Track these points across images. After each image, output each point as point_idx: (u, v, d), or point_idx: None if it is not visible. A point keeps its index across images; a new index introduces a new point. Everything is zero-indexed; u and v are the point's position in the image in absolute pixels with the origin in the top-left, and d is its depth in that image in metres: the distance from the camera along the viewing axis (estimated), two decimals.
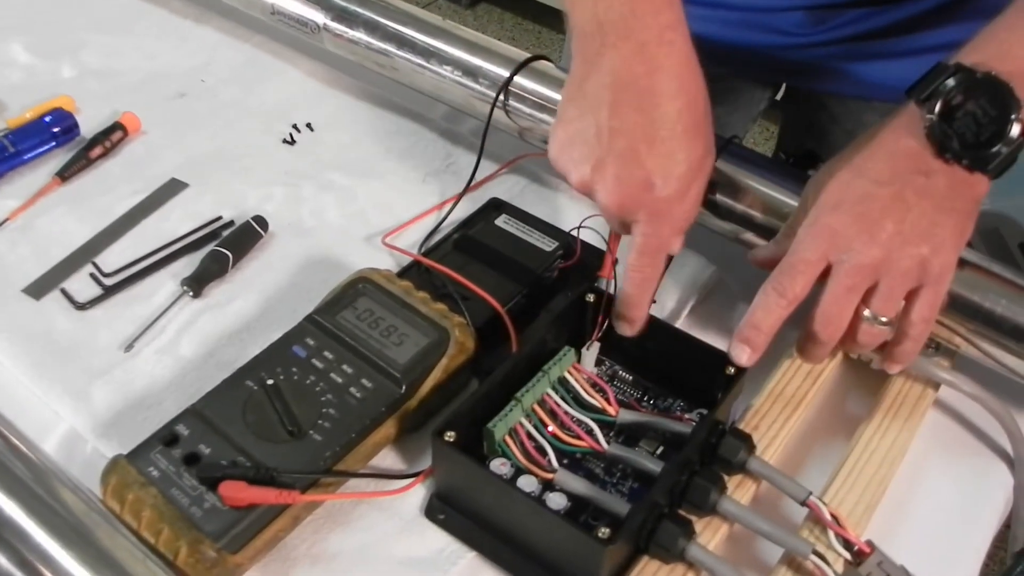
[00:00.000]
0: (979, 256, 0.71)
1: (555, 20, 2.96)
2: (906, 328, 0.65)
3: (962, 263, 0.69)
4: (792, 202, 0.73)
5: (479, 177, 0.89)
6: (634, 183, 0.65)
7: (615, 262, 0.75)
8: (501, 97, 0.86)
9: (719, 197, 0.77)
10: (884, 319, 0.64)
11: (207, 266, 0.81)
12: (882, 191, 0.62)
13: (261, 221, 0.85)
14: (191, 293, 0.80)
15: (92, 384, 0.73)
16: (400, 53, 0.92)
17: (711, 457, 0.65)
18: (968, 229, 0.65)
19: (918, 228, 0.62)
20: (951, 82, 0.61)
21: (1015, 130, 0.61)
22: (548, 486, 0.64)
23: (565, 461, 0.66)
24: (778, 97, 1.14)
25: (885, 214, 0.62)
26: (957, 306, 0.69)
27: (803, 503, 0.63)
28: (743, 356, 0.66)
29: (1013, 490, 0.72)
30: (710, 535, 0.63)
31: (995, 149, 0.61)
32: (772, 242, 0.70)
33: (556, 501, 0.62)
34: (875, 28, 0.88)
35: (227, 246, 0.82)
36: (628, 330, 0.69)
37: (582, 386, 0.68)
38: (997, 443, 0.73)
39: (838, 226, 0.63)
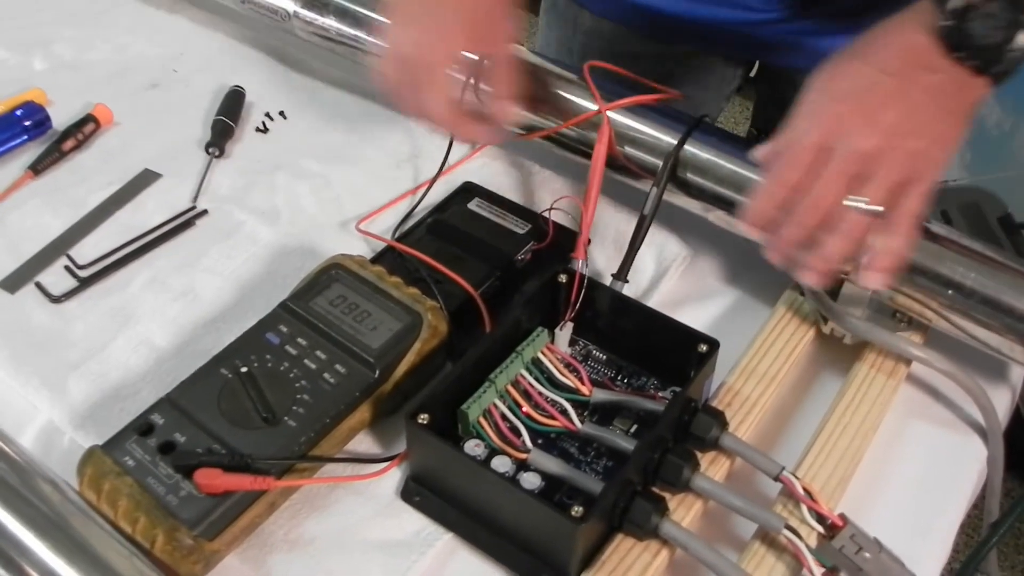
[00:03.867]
0: (947, 229, 0.72)
1: (533, 3, 2.96)
2: (896, 220, 0.64)
3: (931, 235, 0.70)
4: (760, 179, 0.74)
5: (451, 161, 0.89)
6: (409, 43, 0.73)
7: (588, 242, 0.76)
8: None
9: (689, 176, 0.77)
10: (872, 207, 0.63)
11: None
12: (887, 80, 0.63)
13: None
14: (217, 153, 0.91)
15: (69, 376, 0.73)
16: (371, 39, 0.92)
17: (684, 434, 0.66)
18: (962, 132, 0.65)
19: (919, 121, 0.62)
20: None
21: (1023, 38, 0.61)
22: (522, 466, 0.64)
23: (539, 441, 0.66)
24: (752, 75, 1.14)
25: (888, 103, 0.62)
26: (928, 279, 0.69)
27: (776, 478, 0.63)
28: (753, 231, 0.68)
29: (987, 462, 0.73)
30: (684, 512, 0.63)
31: (1004, 54, 0.62)
32: (771, 141, 0.69)
33: (530, 481, 0.63)
34: (845, 5, 0.89)
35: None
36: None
37: (555, 366, 0.69)
38: (970, 416, 0.74)
39: (842, 111, 0.63)
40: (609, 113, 0.79)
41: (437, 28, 0.72)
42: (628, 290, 0.75)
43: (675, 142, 0.77)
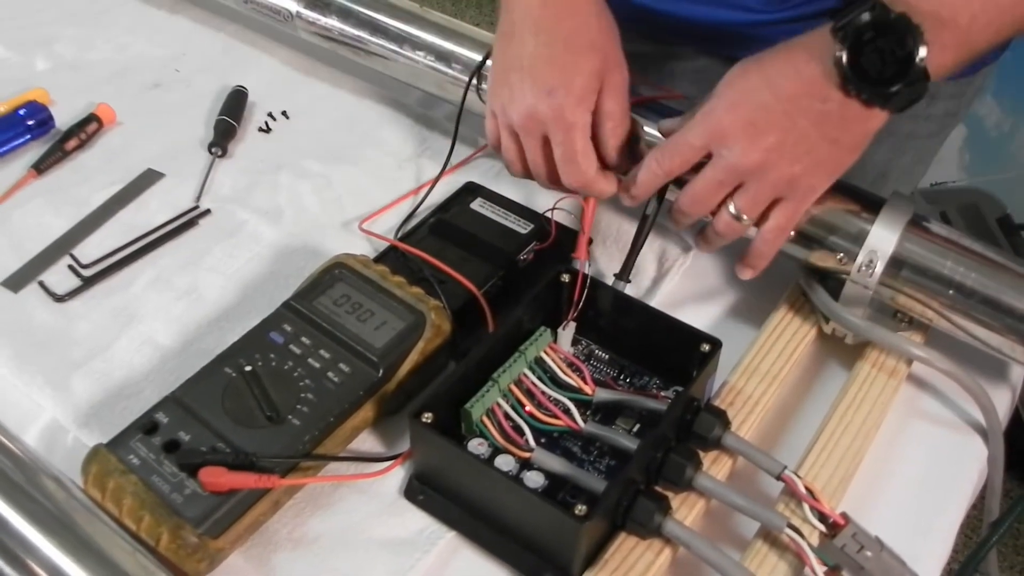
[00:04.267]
0: (948, 229, 0.72)
1: None
2: (762, 233, 0.70)
3: (932, 236, 0.70)
4: None
5: (454, 161, 0.90)
6: (539, 93, 0.71)
7: (590, 242, 0.76)
8: (474, 81, 0.86)
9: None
10: (744, 218, 0.69)
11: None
12: (778, 106, 0.65)
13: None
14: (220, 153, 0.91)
15: (72, 375, 0.73)
16: (373, 39, 0.92)
17: (687, 434, 0.66)
18: (847, 161, 0.68)
19: (798, 149, 0.66)
20: (866, 16, 0.63)
21: (919, 70, 0.62)
22: (526, 465, 0.64)
23: (542, 440, 0.67)
24: None
25: (773, 127, 0.65)
26: (929, 279, 0.70)
27: (778, 477, 0.64)
28: (625, 200, 0.74)
29: (987, 461, 0.73)
30: (686, 511, 0.64)
31: (895, 88, 0.63)
32: (680, 118, 0.74)
33: (533, 480, 0.63)
34: (838, 5, 0.89)
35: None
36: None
37: (558, 366, 0.69)
38: (970, 415, 0.74)
39: (728, 124, 0.66)
40: None
41: (572, 77, 0.71)
42: (630, 290, 0.75)
43: None
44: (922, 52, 0.62)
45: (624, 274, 0.75)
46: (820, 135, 0.65)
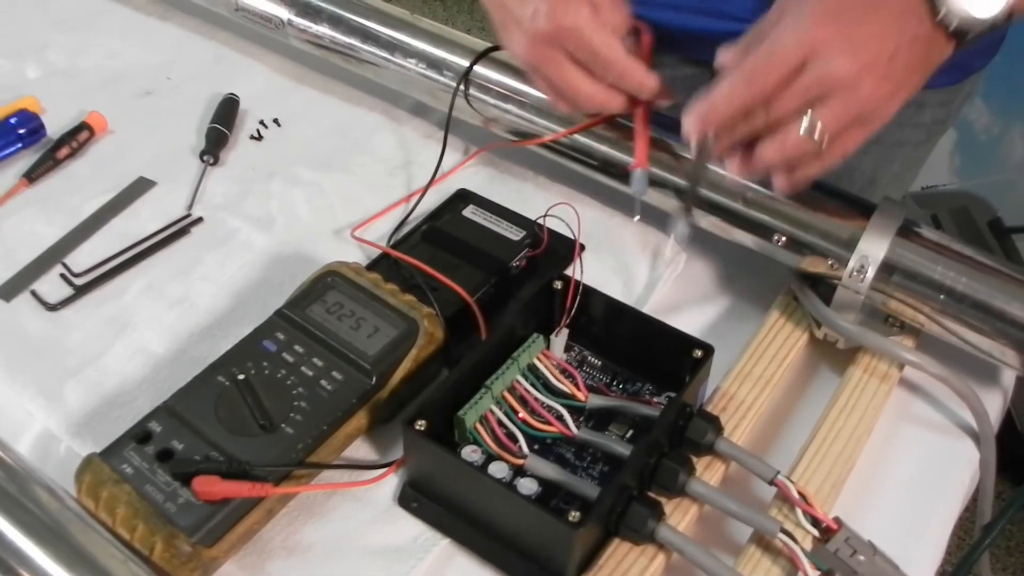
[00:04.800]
0: (939, 234, 0.72)
1: None
2: (828, 153, 0.65)
3: (923, 240, 0.71)
4: (753, 186, 0.75)
5: (445, 168, 0.90)
6: (523, 21, 0.70)
7: (583, 248, 0.76)
8: (462, 87, 0.86)
9: (682, 181, 0.77)
10: (818, 132, 0.63)
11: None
12: (875, 22, 0.63)
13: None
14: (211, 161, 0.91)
15: (65, 384, 0.73)
16: (365, 47, 0.92)
17: (679, 439, 0.66)
18: (912, 93, 0.66)
19: (894, 65, 0.63)
20: None
21: (999, 7, 0.62)
22: (519, 472, 0.64)
23: (536, 447, 0.67)
24: None
25: (873, 39, 0.63)
26: (920, 284, 0.70)
27: (771, 482, 0.64)
28: (693, 128, 0.67)
29: (979, 465, 0.73)
30: (680, 516, 0.64)
31: (980, 23, 0.63)
32: (740, 43, 0.68)
33: (527, 486, 0.63)
34: None
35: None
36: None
37: (551, 372, 0.69)
38: (962, 419, 0.74)
39: (825, 34, 0.62)
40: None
41: None
42: (622, 295, 0.75)
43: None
44: None
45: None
46: (910, 56, 0.63)
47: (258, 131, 0.97)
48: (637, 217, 0.77)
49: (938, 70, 0.67)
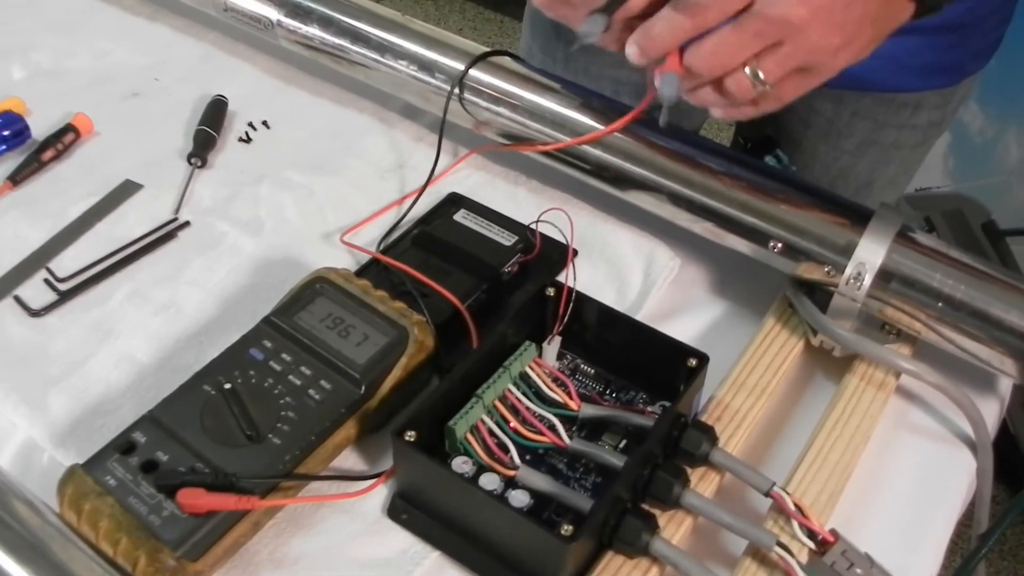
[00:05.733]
0: (937, 241, 0.71)
1: (516, 8, 2.95)
2: (770, 97, 0.64)
3: (921, 247, 0.70)
4: (749, 191, 0.74)
5: (436, 171, 0.88)
6: None
7: (575, 254, 0.75)
8: (456, 91, 0.85)
9: (677, 187, 0.77)
10: (762, 78, 0.62)
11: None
12: None
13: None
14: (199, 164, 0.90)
15: (48, 392, 0.72)
16: (355, 48, 0.91)
17: (674, 450, 0.65)
18: (869, 50, 0.64)
19: (847, 16, 0.60)
20: None
21: None
22: (510, 483, 0.63)
23: (527, 457, 0.66)
24: None
25: None
26: (917, 291, 0.69)
27: (767, 494, 0.63)
28: (633, 54, 0.64)
29: (976, 474, 0.73)
30: (674, 529, 0.63)
31: None
32: None
33: (518, 499, 0.62)
34: None
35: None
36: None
37: (543, 381, 0.68)
38: (959, 428, 0.73)
39: None
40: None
41: None
42: (615, 302, 0.74)
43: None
44: None
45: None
46: (864, 9, 0.61)
47: (247, 133, 0.96)
48: (664, 121, 0.70)
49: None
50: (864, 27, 0.62)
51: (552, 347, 0.71)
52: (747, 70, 0.62)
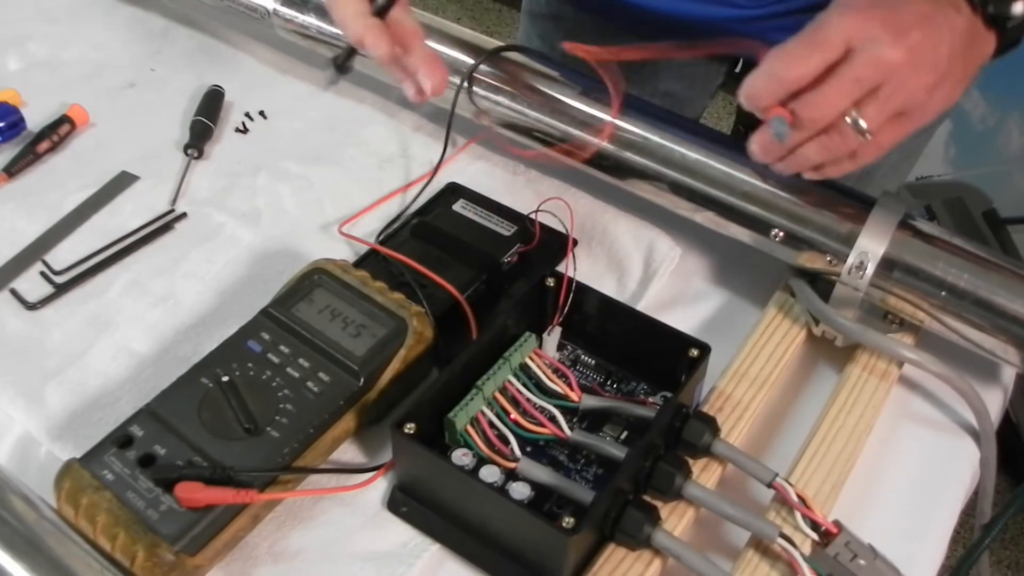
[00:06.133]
0: (940, 229, 0.71)
1: None
2: (870, 147, 0.64)
3: (924, 236, 0.69)
4: (750, 180, 0.74)
5: (435, 161, 0.88)
6: None
7: (575, 244, 0.74)
8: (466, 85, 0.84)
9: (678, 176, 0.76)
10: (864, 127, 0.62)
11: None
12: (918, 8, 0.61)
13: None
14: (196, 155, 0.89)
15: (45, 385, 0.71)
16: None
17: (675, 441, 0.64)
18: (962, 89, 0.64)
19: (939, 54, 0.61)
20: None
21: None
22: (511, 475, 0.63)
23: (528, 449, 0.65)
24: (737, 71, 1.13)
25: (915, 25, 0.61)
26: (921, 280, 0.69)
27: (769, 485, 0.62)
28: (751, 106, 0.64)
29: (979, 464, 0.72)
30: (676, 520, 0.62)
31: (1017, 10, 0.63)
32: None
33: (519, 491, 0.61)
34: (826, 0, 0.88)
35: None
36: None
37: (544, 372, 0.68)
38: (962, 418, 0.73)
39: (871, 18, 0.60)
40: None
41: None
42: (616, 292, 0.74)
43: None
44: None
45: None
46: (951, 45, 0.62)
47: (244, 124, 0.95)
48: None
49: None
50: (955, 64, 0.62)
51: (552, 338, 0.70)
52: (848, 119, 0.61)
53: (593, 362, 0.72)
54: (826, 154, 0.64)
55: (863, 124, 0.61)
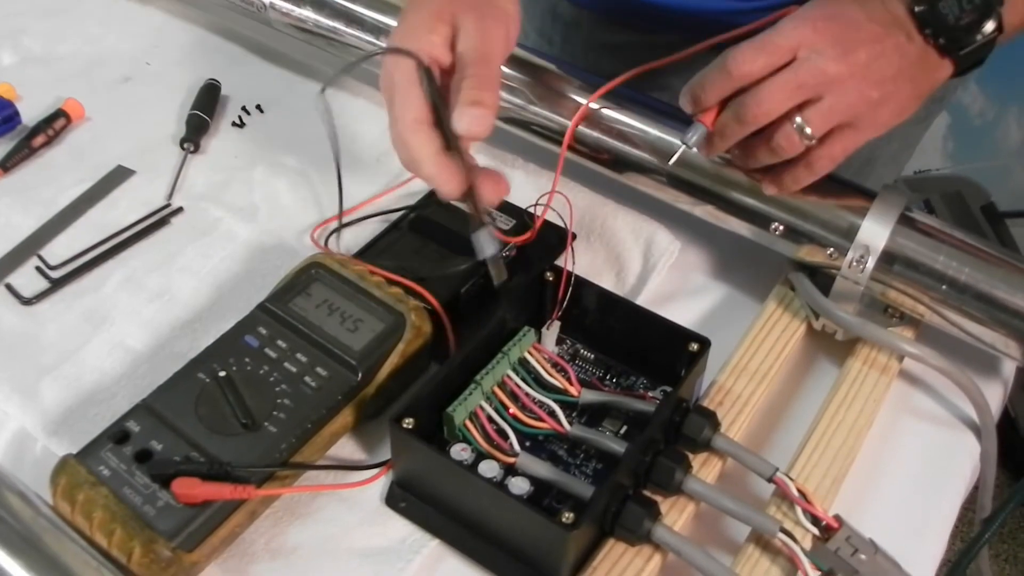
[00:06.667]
0: (941, 223, 0.70)
1: None
2: (811, 156, 0.67)
3: (925, 229, 0.69)
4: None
5: None
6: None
7: (574, 238, 0.74)
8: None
9: (677, 170, 0.75)
10: (808, 132, 0.64)
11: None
12: (870, 28, 0.64)
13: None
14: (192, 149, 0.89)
15: (41, 380, 0.71)
16: (349, 31, 0.89)
17: (675, 436, 0.64)
18: (913, 107, 0.67)
19: (882, 74, 0.64)
20: None
21: (990, 26, 0.64)
22: (510, 470, 0.63)
23: (527, 444, 0.65)
24: None
25: (864, 45, 0.64)
26: (922, 274, 0.68)
27: (770, 479, 0.62)
28: (684, 104, 0.68)
29: (980, 458, 0.72)
30: (676, 515, 0.62)
31: (970, 38, 0.64)
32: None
33: (518, 486, 0.61)
34: None
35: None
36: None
37: (543, 366, 0.67)
38: (963, 411, 0.73)
39: (821, 30, 0.64)
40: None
41: (403, 27, 0.64)
42: (615, 287, 0.73)
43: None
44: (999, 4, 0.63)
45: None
46: (900, 69, 0.64)
47: (240, 118, 0.95)
48: (672, 161, 0.73)
49: None
50: (900, 84, 0.65)
51: (551, 332, 0.70)
52: (794, 125, 0.64)
53: (592, 356, 0.71)
54: (773, 156, 0.67)
55: (808, 130, 0.64)
